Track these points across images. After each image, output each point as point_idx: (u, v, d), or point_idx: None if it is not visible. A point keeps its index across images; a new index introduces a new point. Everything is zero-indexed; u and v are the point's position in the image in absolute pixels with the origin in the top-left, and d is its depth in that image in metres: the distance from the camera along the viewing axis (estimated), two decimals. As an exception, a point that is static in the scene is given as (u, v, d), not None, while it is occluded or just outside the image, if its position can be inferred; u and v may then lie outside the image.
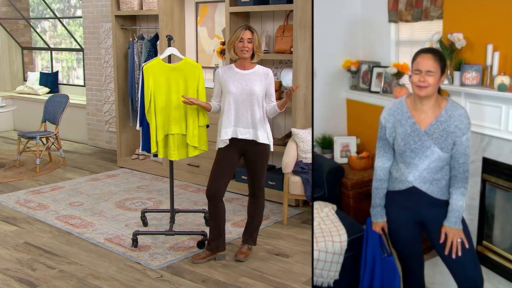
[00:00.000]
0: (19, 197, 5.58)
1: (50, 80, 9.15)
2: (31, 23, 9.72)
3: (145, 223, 4.73)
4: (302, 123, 5.15)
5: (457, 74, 2.98)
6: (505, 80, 2.77)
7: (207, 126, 4.17)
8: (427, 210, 2.84)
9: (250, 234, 4.07)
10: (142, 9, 6.43)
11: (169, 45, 4.35)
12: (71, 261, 4.05)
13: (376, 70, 3.42)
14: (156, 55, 6.29)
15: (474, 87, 2.92)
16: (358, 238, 3.12)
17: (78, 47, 8.89)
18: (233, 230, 4.61)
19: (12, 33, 9.68)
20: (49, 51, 9.66)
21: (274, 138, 5.06)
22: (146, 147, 4.26)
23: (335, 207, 3.34)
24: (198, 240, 4.31)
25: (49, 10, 9.17)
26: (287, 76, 5.48)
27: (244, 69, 3.83)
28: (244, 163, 3.99)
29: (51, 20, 9.65)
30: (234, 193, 5.55)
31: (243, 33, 3.74)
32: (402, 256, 3.02)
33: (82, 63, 8.73)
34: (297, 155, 4.94)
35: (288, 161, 4.84)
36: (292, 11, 5.10)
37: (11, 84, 9.76)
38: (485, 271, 2.86)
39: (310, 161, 4.84)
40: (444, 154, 2.74)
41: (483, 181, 3.02)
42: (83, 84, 8.66)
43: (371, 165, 3.24)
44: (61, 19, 9.10)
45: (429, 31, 3.10)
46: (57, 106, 6.97)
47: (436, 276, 3.17)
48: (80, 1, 8.24)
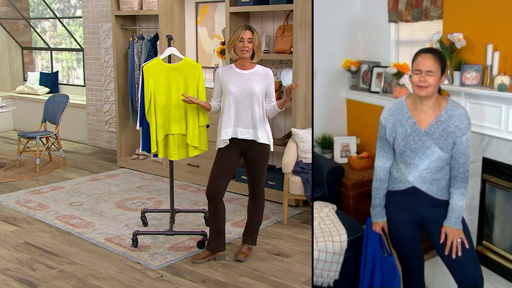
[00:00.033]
0: (19, 197, 5.58)
1: (50, 80, 9.15)
2: (31, 23, 9.72)
3: (145, 223, 4.73)
4: (302, 123, 5.14)
5: (457, 74, 2.98)
6: (505, 80, 2.77)
7: (207, 126, 4.17)
8: (427, 210, 2.84)
9: (250, 234, 4.06)
10: (142, 9, 6.42)
11: (169, 45, 4.35)
12: (71, 261, 4.05)
13: (376, 70, 3.42)
14: (156, 55, 6.29)
15: (474, 87, 2.92)
16: (358, 238, 3.12)
17: (78, 47, 8.89)
18: (233, 230, 4.61)
19: (12, 33, 9.68)
20: (49, 51, 9.66)
21: (274, 138, 5.06)
22: (146, 147, 4.26)
23: (335, 207, 3.34)
24: (198, 240, 4.31)
25: (49, 10, 9.17)
26: (287, 76, 5.48)
27: (244, 69, 3.83)
28: (244, 163, 3.98)
29: (51, 20, 9.65)
30: (234, 193, 5.55)
31: (243, 33, 3.74)
32: (402, 256, 3.02)
33: (82, 63, 8.73)
34: (297, 155, 4.94)
35: (288, 161, 4.84)
36: (292, 11, 5.10)
37: (11, 84, 9.76)
38: (485, 271, 2.86)
39: (310, 161, 4.84)
40: (444, 154, 2.74)
41: (483, 181, 3.02)
42: (83, 84, 8.66)
43: (371, 165, 3.24)
44: (61, 19, 9.10)
45: (429, 31, 3.10)
46: (57, 106, 6.97)
47: (436, 276, 3.16)
48: (80, 1, 8.24)
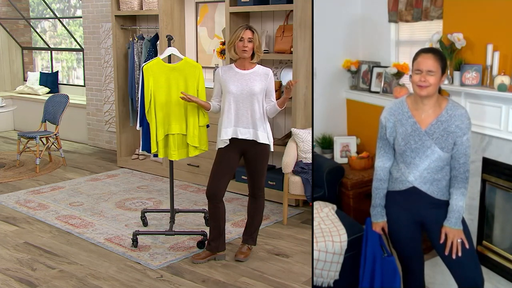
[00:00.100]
0: (19, 197, 5.58)
1: (50, 80, 9.15)
2: (31, 23, 9.72)
3: (145, 223, 4.73)
4: (302, 123, 5.14)
5: (457, 74, 2.98)
6: (505, 80, 2.77)
7: (207, 126, 4.17)
8: (427, 210, 2.84)
9: (250, 234, 4.06)
10: (142, 9, 6.42)
11: (169, 45, 4.35)
12: (71, 261, 4.05)
13: (376, 70, 3.42)
14: (156, 55, 6.29)
15: (474, 87, 2.92)
16: (358, 238, 3.12)
17: (78, 47, 8.89)
18: (233, 230, 4.61)
19: (12, 33, 9.68)
20: (49, 51, 9.66)
21: (274, 138, 5.05)
22: (146, 147, 4.26)
23: (335, 207, 3.34)
24: (198, 240, 4.31)
25: (49, 10, 9.17)
26: (287, 76, 5.48)
27: (244, 69, 3.83)
28: (244, 163, 3.98)
29: (51, 20, 9.65)
30: (234, 193, 5.55)
31: (243, 32, 3.74)
32: (402, 256, 3.02)
33: (82, 63, 8.73)
34: (297, 155, 4.94)
35: (288, 161, 4.84)
36: (292, 11, 5.10)
37: (11, 84, 9.76)
38: (485, 271, 2.86)
39: (310, 161, 4.84)
40: (445, 154, 2.74)
41: (483, 181, 3.02)
42: (83, 84, 8.66)
43: (371, 165, 3.24)
44: (61, 19, 9.10)
45: (429, 31, 3.09)
46: (57, 106, 6.97)
47: (436, 276, 3.16)
48: (80, 1, 8.24)
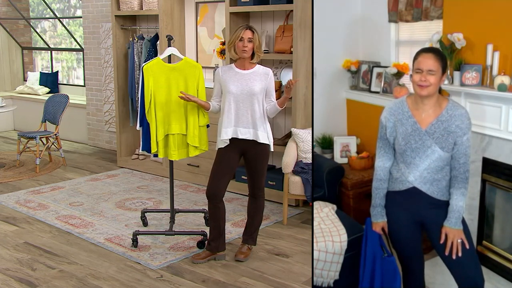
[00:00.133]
0: (19, 197, 5.58)
1: (50, 80, 9.15)
2: (31, 23, 9.72)
3: (145, 223, 4.72)
4: (302, 123, 5.14)
5: (457, 74, 2.98)
6: (505, 80, 2.77)
7: (207, 126, 4.17)
8: (427, 210, 2.84)
9: (250, 234, 4.06)
10: (142, 9, 6.42)
11: (169, 45, 4.35)
12: (71, 261, 4.05)
13: (376, 70, 3.42)
14: (156, 55, 6.29)
15: (474, 87, 2.92)
16: (358, 238, 3.12)
17: (78, 47, 8.89)
18: (233, 230, 4.61)
19: (12, 33, 9.68)
20: (49, 51, 9.66)
21: (274, 138, 5.05)
22: (146, 147, 4.26)
23: (335, 207, 3.34)
24: (198, 240, 4.31)
25: (49, 10, 9.17)
26: (287, 76, 5.48)
27: (244, 69, 3.83)
28: (244, 163, 3.98)
29: (51, 20, 9.65)
30: (234, 193, 5.55)
31: (243, 32, 3.74)
32: (402, 256, 3.02)
33: (82, 63, 8.73)
34: (297, 155, 4.94)
35: (288, 161, 4.84)
36: (292, 11, 5.10)
37: (11, 84, 9.76)
38: (485, 271, 2.86)
39: (310, 161, 4.84)
40: (445, 153, 2.74)
41: (483, 181, 3.02)
42: (83, 84, 8.66)
43: (371, 165, 3.23)
44: (61, 19, 9.10)
45: (429, 31, 3.09)
46: (57, 106, 6.97)
47: (437, 276, 3.16)
48: (80, 1, 8.24)
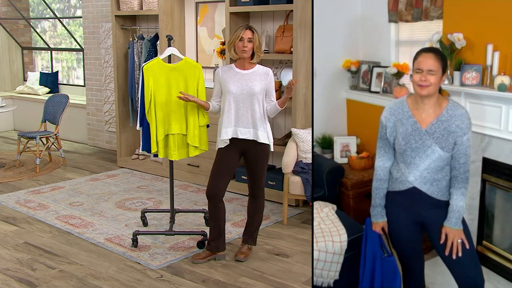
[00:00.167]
0: (19, 197, 5.58)
1: (50, 80, 9.15)
2: (31, 23, 9.72)
3: (145, 223, 4.72)
4: (302, 123, 5.14)
5: (457, 74, 2.98)
6: (505, 80, 2.77)
7: (208, 126, 4.17)
8: (427, 211, 2.84)
9: (250, 234, 4.06)
10: (142, 9, 6.42)
11: (169, 45, 4.35)
12: (71, 261, 4.05)
13: (376, 70, 3.42)
14: (156, 55, 6.29)
15: (474, 87, 2.92)
16: (358, 238, 3.12)
17: (78, 47, 8.89)
18: (233, 230, 4.61)
19: (12, 33, 9.68)
20: (49, 51, 9.66)
21: (274, 138, 5.05)
22: (146, 147, 4.26)
23: (335, 207, 3.34)
24: (198, 240, 4.31)
25: (49, 10, 9.17)
26: (287, 76, 5.48)
27: (244, 69, 3.83)
28: (244, 163, 3.98)
29: (51, 20, 9.65)
30: (234, 193, 5.55)
31: (243, 32, 3.74)
32: (402, 256, 3.02)
33: (82, 63, 8.73)
34: (297, 155, 4.94)
35: (288, 161, 4.84)
36: (292, 11, 5.10)
37: (11, 84, 9.76)
38: (485, 271, 2.86)
39: (310, 161, 4.84)
40: (445, 153, 2.74)
41: (483, 181, 3.02)
42: (83, 84, 8.66)
43: (371, 165, 3.23)
44: (61, 19, 9.10)
45: (429, 31, 3.09)
46: (57, 106, 6.97)
47: (437, 276, 3.16)
48: (80, 1, 8.24)
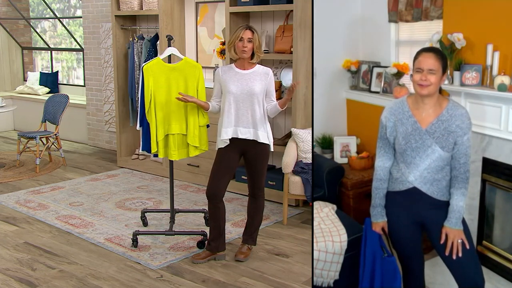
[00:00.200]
0: (19, 197, 5.58)
1: (50, 80, 9.15)
2: (31, 23, 9.72)
3: (145, 223, 4.73)
4: (302, 123, 5.14)
5: (457, 74, 2.98)
6: (505, 80, 2.77)
7: (208, 126, 4.17)
8: (427, 211, 2.84)
9: (250, 234, 4.06)
10: (142, 9, 6.42)
11: (169, 45, 4.35)
12: (71, 261, 4.05)
13: (376, 70, 3.42)
14: (156, 55, 6.29)
15: (474, 87, 2.92)
16: (358, 238, 3.12)
17: (78, 47, 8.89)
18: (233, 230, 4.61)
19: (12, 33, 9.68)
20: (49, 51, 9.66)
21: (274, 138, 5.05)
22: (146, 147, 4.26)
23: (335, 207, 3.34)
24: (198, 240, 4.31)
25: (49, 10, 9.17)
26: (287, 76, 5.48)
27: (244, 69, 3.83)
28: (244, 163, 3.99)
29: (51, 20, 9.65)
30: (234, 193, 5.55)
31: (243, 32, 3.74)
32: (402, 256, 3.02)
33: (82, 63, 8.73)
34: (297, 155, 4.94)
35: (288, 161, 4.83)
36: (292, 11, 5.10)
37: (11, 84, 9.76)
38: (485, 271, 2.86)
39: (310, 161, 4.84)
40: (445, 153, 2.74)
41: (483, 181, 3.02)
42: (83, 84, 8.66)
43: (371, 165, 3.24)
44: (61, 19, 9.10)
45: (429, 31, 3.09)
46: (57, 106, 6.97)
47: (437, 276, 3.16)
48: (80, 1, 8.24)
